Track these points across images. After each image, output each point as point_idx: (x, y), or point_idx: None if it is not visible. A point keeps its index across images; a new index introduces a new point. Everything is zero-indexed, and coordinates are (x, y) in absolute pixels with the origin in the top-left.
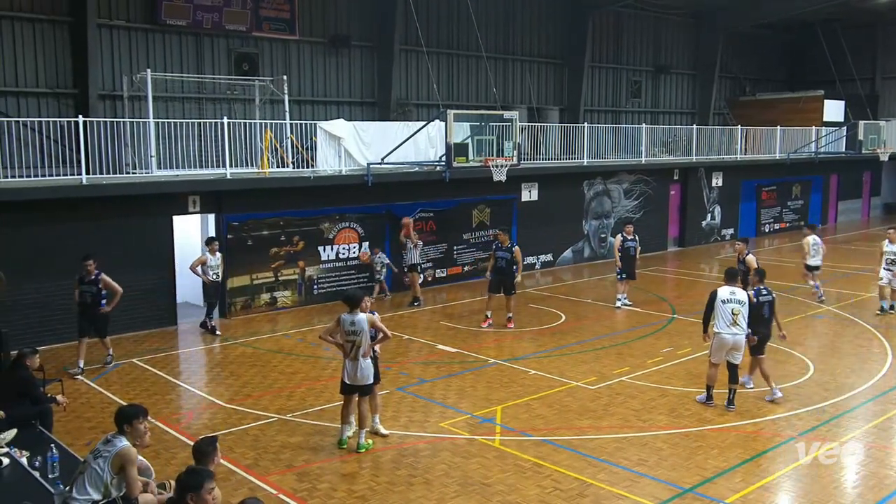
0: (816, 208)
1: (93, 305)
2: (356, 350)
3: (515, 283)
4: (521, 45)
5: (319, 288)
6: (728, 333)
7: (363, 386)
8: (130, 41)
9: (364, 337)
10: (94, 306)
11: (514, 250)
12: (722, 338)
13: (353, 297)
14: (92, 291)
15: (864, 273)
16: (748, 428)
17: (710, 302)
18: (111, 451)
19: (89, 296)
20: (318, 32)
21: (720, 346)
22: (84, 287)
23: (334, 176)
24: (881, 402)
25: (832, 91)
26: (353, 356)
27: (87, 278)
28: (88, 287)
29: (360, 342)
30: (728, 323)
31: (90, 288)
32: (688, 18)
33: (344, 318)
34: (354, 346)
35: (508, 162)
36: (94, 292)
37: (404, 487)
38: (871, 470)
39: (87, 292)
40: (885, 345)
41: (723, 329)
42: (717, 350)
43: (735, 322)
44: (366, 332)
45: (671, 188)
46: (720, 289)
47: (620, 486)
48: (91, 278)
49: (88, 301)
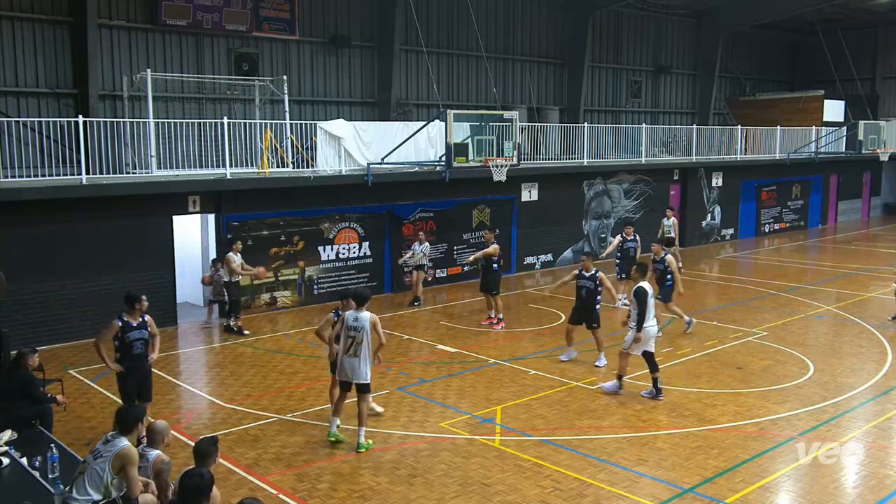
0: (816, 208)
1: (144, 357)
2: (356, 347)
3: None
4: (521, 45)
5: (319, 288)
6: (652, 326)
7: (361, 384)
8: (130, 41)
9: (365, 335)
10: (144, 358)
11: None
12: (648, 331)
13: (362, 295)
14: (144, 339)
15: (864, 273)
16: (748, 428)
17: (645, 299)
18: (111, 451)
19: (141, 344)
20: (318, 32)
21: (647, 338)
22: (132, 334)
23: (334, 176)
24: (881, 402)
25: (832, 91)
26: (352, 353)
27: (132, 323)
28: (139, 333)
29: (360, 339)
30: (653, 316)
31: (140, 334)
32: (688, 18)
33: (348, 314)
34: (354, 343)
35: (508, 162)
36: (145, 340)
37: (404, 487)
38: (871, 470)
39: (137, 340)
40: (885, 345)
41: (650, 322)
42: (645, 342)
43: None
44: (367, 331)
45: (671, 188)
46: (643, 284)
47: (620, 486)
48: (140, 320)
49: (142, 352)
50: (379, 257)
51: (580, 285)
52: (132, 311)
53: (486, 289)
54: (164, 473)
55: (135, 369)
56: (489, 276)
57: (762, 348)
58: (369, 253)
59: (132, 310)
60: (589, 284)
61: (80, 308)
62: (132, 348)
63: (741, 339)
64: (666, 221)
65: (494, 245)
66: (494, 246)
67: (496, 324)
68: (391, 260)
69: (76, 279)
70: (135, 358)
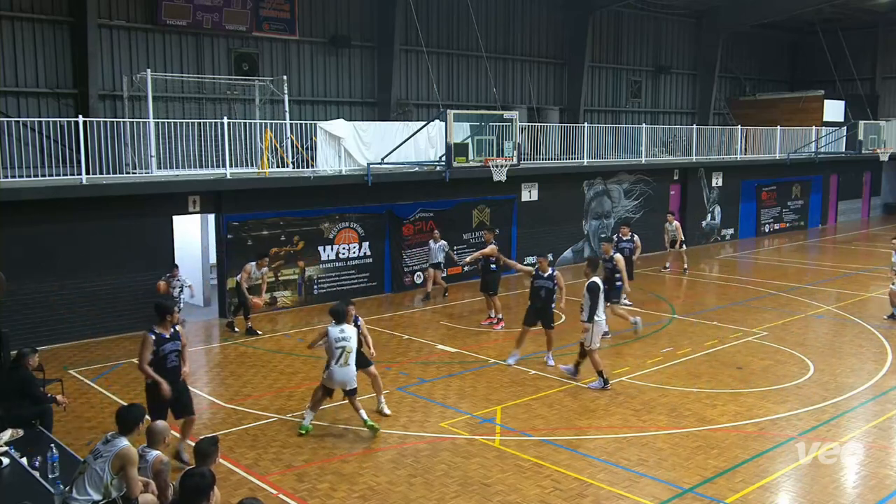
0: (816, 208)
1: (179, 370)
2: (346, 356)
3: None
4: (521, 44)
5: (319, 288)
6: (602, 318)
7: (354, 388)
8: (130, 41)
9: (354, 343)
10: (179, 372)
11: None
12: (600, 323)
13: (339, 311)
14: (177, 350)
15: (864, 273)
16: (748, 428)
17: (597, 293)
18: (111, 451)
19: (176, 356)
20: (318, 32)
21: (599, 330)
22: (167, 346)
23: (334, 176)
24: (881, 402)
25: (832, 91)
26: (343, 362)
27: (165, 335)
28: (173, 345)
29: (350, 348)
30: (602, 310)
31: (174, 346)
32: (688, 18)
33: (331, 330)
34: (345, 352)
35: (508, 162)
36: (179, 352)
37: (404, 487)
38: (871, 470)
39: (172, 353)
40: (885, 345)
41: (601, 315)
42: (598, 335)
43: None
44: (355, 340)
45: (671, 188)
46: (595, 279)
47: (620, 486)
48: (172, 331)
49: (177, 364)
50: (379, 257)
51: (539, 286)
52: (163, 321)
53: (485, 289)
54: (163, 473)
55: (169, 383)
56: (487, 276)
57: (762, 348)
58: (369, 253)
59: (163, 320)
60: (548, 284)
61: (80, 308)
62: (166, 361)
63: (741, 339)
64: (668, 226)
65: (493, 245)
66: (492, 246)
67: (496, 324)
68: (391, 260)
69: (76, 279)
70: (169, 372)
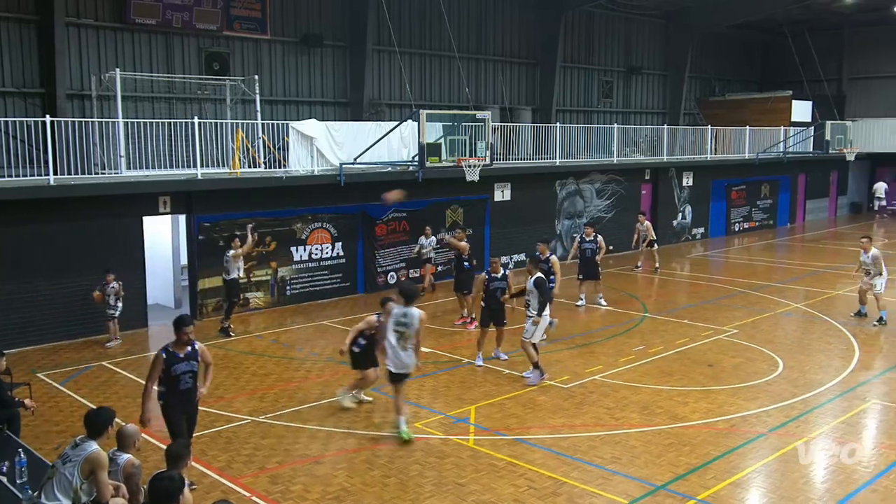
0: (785, 207)
1: (194, 392)
2: (404, 341)
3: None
4: (494, 45)
5: (292, 289)
6: (548, 313)
7: (404, 374)
8: (99, 40)
9: (412, 331)
10: (194, 394)
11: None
12: (546, 317)
13: (409, 291)
14: (193, 371)
15: (831, 271)
16: (719, 425)
17: (545, 286)
18: (80, 455)
19: (191, 377)
20: (290, 32)
21: (544, 325)
22: (179, 367)
23: (307, 176)
24: (849, 398)
25: (800, 92)
26: (401, 346)
27: (178, 354)
28: (187, 365)
29: (408, 334)
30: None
31: (189, 366)
32: (658, 19)
33: (395, 310)
34: (403, 337)
35: (481, 162)
36: (194, 372)
37: (379, 488)
38: (839, 465)
39: (186, 374)
40: (852, 341)
41: (548, 310)
42: (542, 329)
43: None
44: (415, 328)
45: (642, 188)
46: (541, 274)
47: (594, 484)
48: (189, 350)
49: (190, 386)
50: (352, 257)
51: (496, 287)
52: (178, 339)
53: (458, 288)
54: (134, 477)
55: (181, 405)
56: (461, 275)
57: (733, 346)
58: (342, 253)
59: (178, 338)
60: (503, 285)
61: (49, 311)
62: (179, 383)
63: (712, 337)
64: (640, 226)
65: (465, 243)
66: (465, 243)
67: (469, 323)
68: (364, 260)
69: (44, 281)
70: (182, 394)
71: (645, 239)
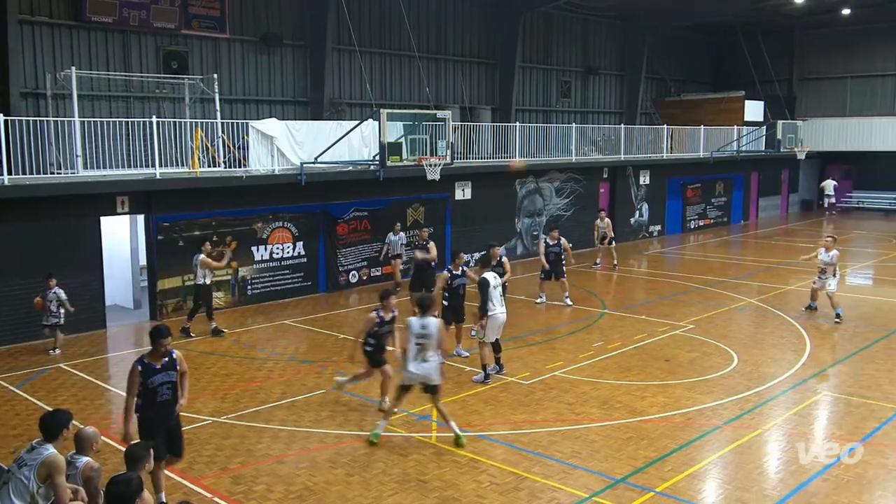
0: (738, 205)
1: (173, 403)
2: (425, 352)
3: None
4: (453, 45)
5: (253, 288)
6: (500, 313)
7: (435, 385)
8: (54, 38)
9: (434, 340)
10: (173, 405)
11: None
12: (496, 317)
13: (425, 301)
14: (171, 382)
15: (783, 267)
16: (677, 418)
17: (486, 288)
18: (36, 459)
19: (169, 388)
20: (249, 31)
21: (494, 325)
22: (157, 378)
23: (267, 175)
24: (801, 390)
25: (752, 92)
26: (421, 358)
27: (155, 365)
28: (165, 376)
29: (428, 345)
30: (499, 304)
31: (167, 377)
32: (615, 20)
33: (413, 321)
34: (423, 349)
35: (442, 161)
36: (173, 383)
37: (342, 486)
38: (791, 456)
39: (163, 385)
40: (804, 335)
41: (497, 309)
42: (492, 329)
43: (502, 302)
44: (434, 336)
45: (601, 186)
46: (486, 275)
47: (555, 479)
48: (166, 360)
49: (169, 398)
50: (313, 256)
51: (459, 283)
52: (154, 350)
53: (420, 288)
54: (93, 480)
55: (160, 419)
56: (425, 274)
57: (689, 341)
58: (304, 252)
59: (154, 349)
60: (465, 281)
61: (4, 312)
62: (156, 395)
63: (669, 332)
64: (600, 223)
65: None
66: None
67: None
68: (326, 259)
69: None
70: (160, 406)
71: (605, 236)
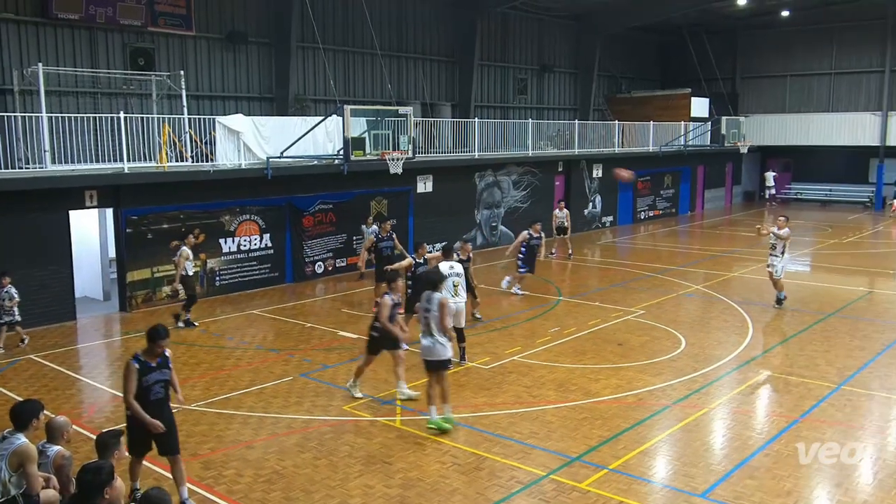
0: (686, 197)
1: (165, 401)
2: (456, 288)
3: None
4: (414, 43)
5: (221, 280)
6: (452, 302)
7: (438, 361)
8: (20, 35)
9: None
10: (166, 403)
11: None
12: (448, 306)
13: (431, 277)
14: (165, 380)
15: (727, 255)
16: (629, 399)
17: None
18: (8, 449)
19: (162, 387)
20: (215, 28)
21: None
22: (152, 376)
23: (234, 170)
24: (744, 370)
25: (698, 89)
26: (426, 332)
27: (150, 363)
28: (159, 374)
29: (459, 282)
30: (451, 293)
31: (161, 375)
32: (569, 21)
33: (442, 266)
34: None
35: (404, 155)
36: (166, 381)
37: (310, 470)
38: (736, 432)
39: (157, 384)
40: (747, 319)
41: (456, 298)
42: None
43: (457, 292)
44: (434, 314)
45: (556, 179)
46: (441, 264)
47: (514, 458)
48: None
49: (162, 396)
50: (280, 248)
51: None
52: (151, 349)
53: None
54: (65, 468)
55: (152, 417)
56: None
57: (640, 326)
58: (270, 244)
59: (151, 348)
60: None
61: None
62: (150, 393)
63: (621, 317)
64: (559, 213)
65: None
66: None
67: None
68: (292, 251)
69: None
70: (153, 405)
71: (562, 227)
